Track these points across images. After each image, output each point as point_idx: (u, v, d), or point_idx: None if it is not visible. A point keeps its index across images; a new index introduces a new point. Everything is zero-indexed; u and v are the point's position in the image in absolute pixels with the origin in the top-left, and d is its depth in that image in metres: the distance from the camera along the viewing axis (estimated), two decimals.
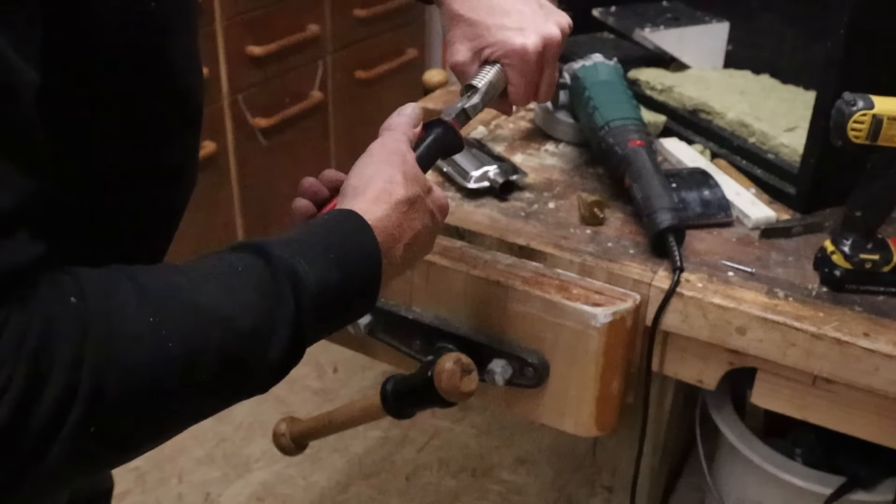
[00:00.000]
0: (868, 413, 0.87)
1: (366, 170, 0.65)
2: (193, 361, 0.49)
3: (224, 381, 0.52)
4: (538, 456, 1.89)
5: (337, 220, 0.60)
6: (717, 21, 1.36)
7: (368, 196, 0.62)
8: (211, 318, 0.50)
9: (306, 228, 0.59)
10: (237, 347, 0.51)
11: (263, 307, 0.52)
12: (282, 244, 0.55)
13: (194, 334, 0.49)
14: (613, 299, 0.89)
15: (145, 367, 0.46)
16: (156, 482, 1.79)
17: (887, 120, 0.81)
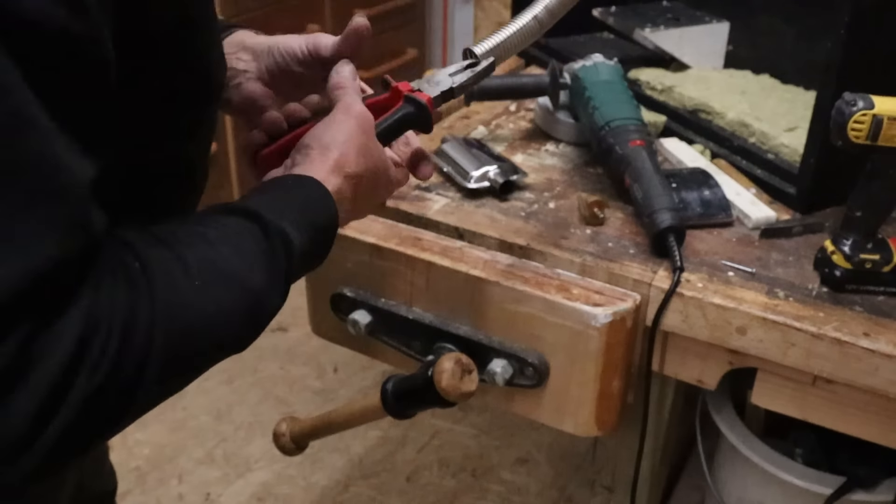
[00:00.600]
0: (868, 413, 0.87)
1: (324, 135, 0.68)
2: (227, 320, 0.56)
3: (243, 335, 0.59)
4: (538, 456, 1.89)
5: (305, 186, 0.65)
6: (717, 21, 1.36)
7: (326, 165, 0.66)
8: (233, 280, 0.56)
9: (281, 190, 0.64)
10: (252, 305, 0.58)
11: (267, 268, 0.58)
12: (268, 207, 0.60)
13: (225, 296, 0.55)
14: (613, 299, 0.89)
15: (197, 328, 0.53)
16: (156, 482, 1.79)
17: (887, 120, 0.81)
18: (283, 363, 2.14)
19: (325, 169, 0.66)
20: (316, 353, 2.16)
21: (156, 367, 0.50)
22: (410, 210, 1.02)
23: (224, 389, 2.02)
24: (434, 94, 0.75)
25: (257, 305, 0.58)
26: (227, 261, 0.56)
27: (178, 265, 0.53)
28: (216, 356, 0.58)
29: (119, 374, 0.47)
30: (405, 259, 0.95)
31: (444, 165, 1.09)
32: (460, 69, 0.76)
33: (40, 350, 0.44)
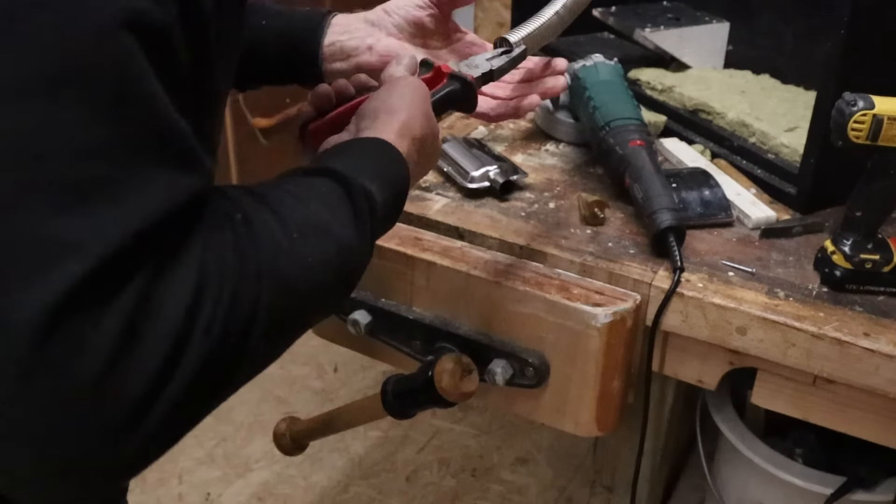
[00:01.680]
0: (868, 413, 0.87)
1: (388, 98, 0.70)
2: (325, 273, 0.56)
3: (338, 290, 0.60)
4: (538, 456, 1.89)
5: (379, 147, 0.66)
6: (717, 21, 1.36)
7: (394, 127, 0.67)
8: (326, 234, 0.56)
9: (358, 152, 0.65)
10: (345, 260, 0.58)
11: (355, 223, 0.59)
12: (349, 166, 0.61)
13: (321, 249, 0.55)
14: (614, 299, 0.89)
15: (299, 280, 0.53)
16: (156, 482, 1.79)
17: (887, 120, 0.81)
18: (283, 363, 2.14)
19: (393, 131, 0.67)
20: (316, 353, 2.16)
21: (263, 320, 0.48)
22: (410, 210, 1.02)
23: None
24: (476, 76, 0.77)
25: (350, 260, 0.59)
26: (319, 216, 0.56)
27: (275, 219, 0.53)
28: (315, 314, 0.58)
29: (232, 325, 0.46)
30: (405, 259, 0.95)
31: (445, 165, 1.09)
32: (496, 55, 0.79)
33: (158, 302, 0.42)
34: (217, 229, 0.47)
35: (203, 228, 0.46)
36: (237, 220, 0.50)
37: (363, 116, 0.70)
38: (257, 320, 0.48)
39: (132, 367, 0.41)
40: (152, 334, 0.42)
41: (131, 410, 0.41)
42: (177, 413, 0.44)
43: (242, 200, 0.52)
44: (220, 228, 0.48)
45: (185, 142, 0.46)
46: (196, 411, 0.47)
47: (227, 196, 0.52)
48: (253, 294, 0.48)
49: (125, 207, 0.41)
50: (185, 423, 0.46)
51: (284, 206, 0.54)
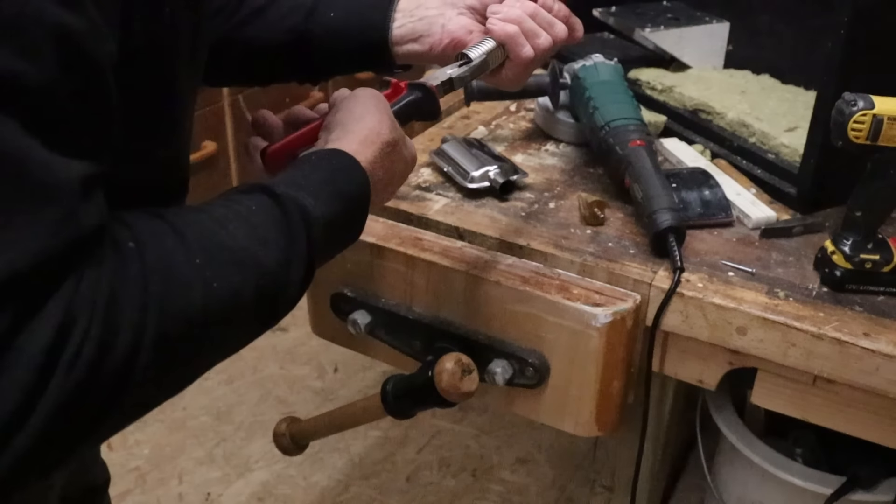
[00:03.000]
0: (868, 413, 0.87)
1: (355, 108, 0.69)
2: (235, 301, 0.53)
3: (257, 315, 0.57)
4: (538, 456, 1.89)
5: (331, 158, 0.65)
6: (717, 21, 1.36)
7: (358, 136, 0.67)
8: (242, 258, 0.54)
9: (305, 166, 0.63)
10: (266, 283, 0.56)
11: (281, 244, 0.57)
12: (285, 182, 0.60)
13: (232, 275, 0.53)
14: (614, 299, 0.89)
15: (197, 310, 0.51)
16: (156, 482, 1.79)
17: (887, 120, 0.81)
18: (283, 363, 2.14)
19: (357, 139, 0.66)
20: (316, 353, 2.16)
21: (149, 353, 0.47)
22: (410, 210, 1.02)
23: (224, 389, 2.02)
24: (436, 84, 0.78)
25: (272, 283, 0.56)
26: (234, 238, 0.54)
27: (178, 245, 0.51)
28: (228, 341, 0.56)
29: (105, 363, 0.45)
30: (405, 259, 0.95)
31: (445, 165, 1.09)
32: (455, 66, 0.80)
33: (16, 348, 0.43)
34: (97, 263, 0.46)
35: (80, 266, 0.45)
36: (128, 249, 0.49)
37: (330, 128, 0.70)
38: (140, 352, 0.47)
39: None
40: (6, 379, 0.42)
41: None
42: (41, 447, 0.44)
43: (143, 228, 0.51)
44: (99, 262, 0.47)
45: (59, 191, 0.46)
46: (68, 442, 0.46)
47: (126, 223, 0.51)
48: (134, 326, 0.47)
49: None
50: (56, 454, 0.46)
51: (193, 229, 0.53)
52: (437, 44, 0.82)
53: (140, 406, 0.50)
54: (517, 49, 0.81)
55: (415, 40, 0.84)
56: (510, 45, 0.81)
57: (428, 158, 1.13)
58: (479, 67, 0.80)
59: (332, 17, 0.85)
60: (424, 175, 1.11)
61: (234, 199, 0.58)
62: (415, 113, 0.77)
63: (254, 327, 0.57)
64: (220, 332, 0.54)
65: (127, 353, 0.46)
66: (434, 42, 0.83)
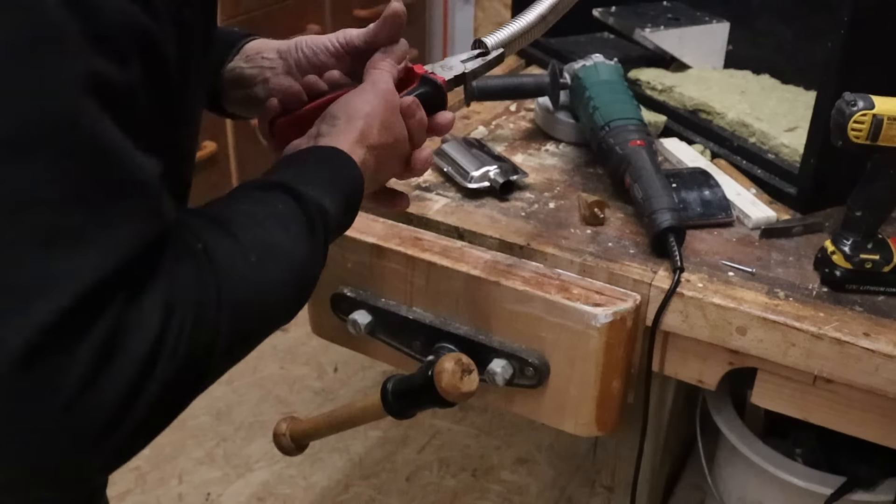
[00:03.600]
0: (868, 413, 0.87)
1: (351, 103, 0.71)
2: (281, 294, 0.60)
3: (291, 305, 0.63)
4: (538, 456, 1.89)
5: (334, 157, 0.68)
6: (717, 21, 1.36)
7: (352, 136, 0.69)
8: (283, 255, 0.60)
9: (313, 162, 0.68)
10: (300, 277, 0.62)
11: (309, 241, 0.62)
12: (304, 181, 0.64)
13: (278, 271, 0.59)
14: (614, 299, 0.89)
15: (257, 304, 0.57)
16: (156, 482, 1.79)
17: (887, 120, 0.81)
18: (283, 363, 2.14)
19: (350, 140, 0.69)
20: (316, 353, 2.16)
21: (225, 342, 0.53)
22: (410, 210, 1.02)
23: (224, 389, 2.02)
24: (448, 78, 0.78)
25: (304, 277, 0.62)
26: (275, 237, 0.59)
27: (234, 244, 0.56)
28: (272, 328, 0.61)
29: (195, 352, 0.51)
30: (405, 259, 0.95)
31: (445, 165, 1.09)
32: (472, 57, 0.79)
33: (125, 338, 0.47)
34: (180, 263, 0.51)
35: (168, 263, 0.50)
36: (198, 250, 0.54)
37: (325, 119, 0.72)
38: (217, 344, 0.53)
39: (102, 393, 0.46)
40: (120, 364, 0.47)
41: (101, 430, 0.47)
42: (142, 428, 0.49)
43: (204, 229, 0.56)
44: (183, 262, 0.52)
45: (151, 187, 0.50)
46: (160, 424, 0.52)
47: (189, 226, 0.55)
48: (213, 321, 0.52)
49: (96, 253, 0.46)
50: (149, 435, 0.51)
51: (243, 230, 0.58)
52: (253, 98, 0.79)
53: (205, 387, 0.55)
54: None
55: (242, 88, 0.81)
56: None
57: None
58: (495, 61, 0.79)
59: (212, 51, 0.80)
60: (424, 175, 1.11)
61: (259, 197, 0.62)
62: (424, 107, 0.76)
63: (288, 316, 0.63)
64: (269, 321, 0.60)
65: (208, 347, 0.52)
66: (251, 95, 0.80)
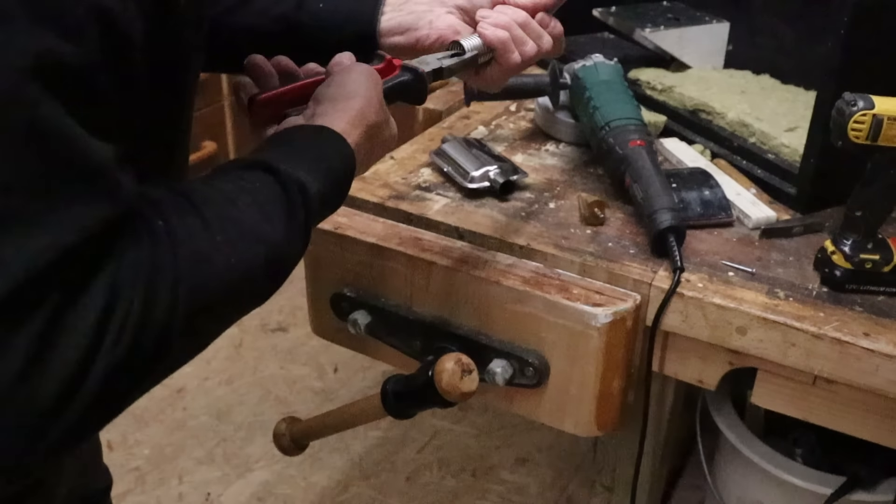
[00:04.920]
0: (868, 413, 0.87)
1: (347, 84, 0.71)
2: (249, 274, 0.58)
3: (264, 285, 0.61)
4: (538, 456, 1.89)
5: (322, 135, 0.68)
6: (717, 21, 1.36)
7: (346, 116, 0.69)
8: (254, 234, 0.58)
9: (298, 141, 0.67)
10: (274, 256, 0.60)
11: (283, 220, 0.60)
12: (284, 159, 0.63)
13: (246, 251, 0.57)
14: (614, 299, 0.89)
15: (220, 283, 0.55)
16: (156, 482, 1.79)
17: (887, 120, 0.81)
18: (283, 363, 2.14)
19: (346, 118, 0.69)
20: (316, 353, 2.16)
21: (182, 323, 0.51)
22: (410, 210, 1.02)
23: (224, 389, 2.02)
24: (427, 71, 0.78)
25: (277, 257, 0.60)
26: (246, 214, 0.58)
27: (199, 222, 0.55)
28: (241, 308, 0.60)
29: (146, 334, 0.49)
30: (405, 259, 0.95)
31: (445, 165, 1.09)
32: (447, 56, 0.80)
33: (67, 323, 0.46)
34: (134, 243, 0.50)
35: (119, 245, 0.49)
36: (158, 227, 0.52)
37: (320, 101, 0.71)
38: (173, 325, 0.51)
39: (42, 381, 0.45)
40: (62, 347, 0.46)
41: (40, 418, 0.46)
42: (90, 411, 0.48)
43: (168, 206, 0.54)
44: (137, 241, 0.50)
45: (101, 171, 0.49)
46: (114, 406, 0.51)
47: (152, 201, 0.54)
48: (169, 302, 0.51)
49: (39, 235, 0.45)
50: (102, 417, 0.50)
51: (210, 207, 0.56)
52: (423, 38, 0.83)
53: (169, 370, 0.54)
54: (506, 54, 0.81)
55: (401, 34, 0.84)
56: (499, 49, 0.81)
57: (428, 158, 1.13)
58: (470, 61, 0.80)
59: (322, 8, 0.85)
60: (424, 175, 1.11)
61: (238, 175, 0.61)
62: (402, 95, 0.77)
63: (260, 297, 0.61)
64: (236, 301, 0.59)
65: (162, 327, 0.50)
66: (421, 37, 0.83)
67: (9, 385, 0.44)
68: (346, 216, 1.01)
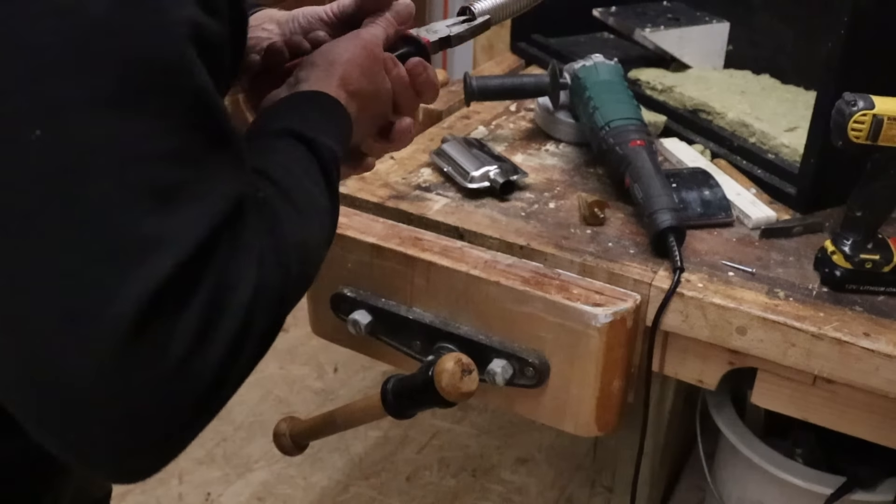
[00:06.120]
0: (868, 413, 0.87)
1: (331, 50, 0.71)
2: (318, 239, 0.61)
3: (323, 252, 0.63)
4: (538, 456, 1.89)
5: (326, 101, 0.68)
6: (717, 21, 1.36)
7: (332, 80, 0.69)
8: (314, 202, 0.60)
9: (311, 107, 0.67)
10: (329, 225, 0.63)
11: (325, 185, 0.62)
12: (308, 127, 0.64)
13: (314, 216, 0.60)
14: (614, 299, 0.89)
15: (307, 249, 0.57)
16: (156, 482, 1.79)
17: (887, 120, 0.81)
18: (283, 363, 2.14)
19: (331, 84, 0.69)
20: (316, 353, 2.16)
21: (291, 289, 0.54)
22: (410, 210, 1.02)
23: None
24: (433, 40, 0.77)
25: (332, 224, 0.64)
26: (305, 187, 0.60)
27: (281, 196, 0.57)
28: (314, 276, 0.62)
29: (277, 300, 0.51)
30: (405, 259, 0.95)
31: (445, 165, 1.09)
32: (457, 22, 0.79)
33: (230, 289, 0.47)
34: (255, 212, 0.51)
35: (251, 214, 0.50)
36: (261, 199, 0.54)
37: (303, 67, 0.71)
38: (287, 291, 0.53)
39: (210, 353, 0.46)
40: (224, 322, 0.46)
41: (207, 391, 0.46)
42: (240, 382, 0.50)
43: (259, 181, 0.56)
44: (257, 211, 0.52)
45: (237, 139, 0.50)
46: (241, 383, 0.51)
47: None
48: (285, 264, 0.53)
49: (205, 204, 0.46)
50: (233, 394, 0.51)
51: (283, 183, 0.58)
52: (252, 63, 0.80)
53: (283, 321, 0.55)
54: None
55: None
56: None
57: (428, 158, 1.13)
58: (481, 27, 0.79)
59: None
60: (424, 175, 1.11)
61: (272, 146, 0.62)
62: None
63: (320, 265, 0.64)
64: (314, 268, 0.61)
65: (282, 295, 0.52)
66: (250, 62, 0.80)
67: (181, 360, 0.44)
68: (346, 216, 1.01)
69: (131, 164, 0.43)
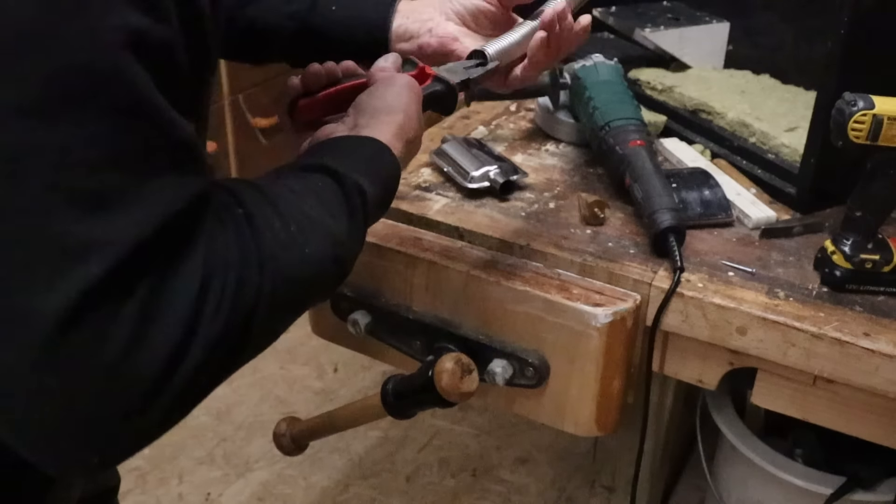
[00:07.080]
0: (868, 413, 0.87)
1: (387, 97, 0.74)
2: (322, 265, 0.60)
3: (330, 280, 0.63)
4: (538, 456, 1.89)
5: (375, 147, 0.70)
6: (717, 21, 1.36)
7: (391, 129, 0.71)
8: (322, 228, 0.60)
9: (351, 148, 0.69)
10: (340, 252, 0.62)
11: (347, 216, 0.63)
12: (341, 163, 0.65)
13: (318, 242, 0.59)
14: (614, 299, 0.89)
15: (298, 271, 0.57)
16: (156, 482, 1.79)
17: (888, 120, 0.81)
18: (283, 363, 2.14)
19: (390, 132, 0.71)
20: (316, 353, 2.16)
21: (265, 306, 0.53)
22: (410, 210, 1.02)
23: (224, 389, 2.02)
24: (456, 81, 0.80)
25: (343, 251, 0.63)
26: (314, 210, 0.60)
27: (275, 213, 0.56)
28: (311, 301, 0.63)
29: (236, 312, 0.50)
30: (405, 259, 0.95)
31: (445, 165, 1.09)
32: (472, 65, 0.82)
33: (167, 299, 0.47)
34: (220, 224, 0.51)
35: (207, 224, 0.50)
36: (238, 214, 0.54)
37: (362, 112, 0.73)
38: (259, 306, 0.52)
39: (147, 353, 0.46)
40: (164, 322, 0.46)
41: (146, 391, 0.46)
42: (188, 389, 0.48)
43: (244, 195, 0.56)
44: (222, 223, 0.51)
45: (189, 146, 0.50)
46: (205, 387, 0.51)
47: (230, 191, 0.55)
48: (255, 283, 0.52)
49: (138, 211, 0.46)
50: (195, 397, 0.51)
51: (282, 200, 0.58)
52: (425, 46, 0.86)
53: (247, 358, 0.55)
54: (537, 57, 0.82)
55: (406, 40, 0.88)
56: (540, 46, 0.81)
57: (428, 158, 1.13)
58: (493, 71, 0.82)
59: (334, 11, 0.88)
60: (424, 175, 1.11)
61: (300, 176, 0.63)
62: (435, 105, 0.79)
63: (327, 290, 0.65)
64: (309, 291, 0.60)
65: (250, 309, 0.51)
66: (423, 44, 0.86)
67: (114, 363, 0.44)
68: None
69: (60, 171, 0.44)
